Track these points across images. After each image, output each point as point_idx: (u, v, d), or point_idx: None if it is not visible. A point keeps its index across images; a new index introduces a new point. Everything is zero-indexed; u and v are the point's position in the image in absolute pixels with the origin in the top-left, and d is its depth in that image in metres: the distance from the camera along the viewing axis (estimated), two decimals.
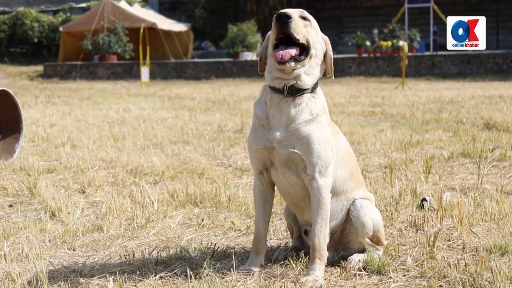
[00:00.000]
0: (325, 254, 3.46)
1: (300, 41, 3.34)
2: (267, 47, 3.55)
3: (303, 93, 3.44)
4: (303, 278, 3.34)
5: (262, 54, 3.61)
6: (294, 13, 3.37)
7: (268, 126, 3.46)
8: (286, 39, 3.35)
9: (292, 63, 3.34)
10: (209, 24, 42.46)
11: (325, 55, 3.54)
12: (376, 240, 3.68)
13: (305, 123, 3.41)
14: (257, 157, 3.56)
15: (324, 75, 3.64)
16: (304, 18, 3.43)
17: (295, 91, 3.43)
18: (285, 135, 3.41)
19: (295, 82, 3.42)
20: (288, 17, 3.28)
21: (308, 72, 3.45)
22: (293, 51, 3.33)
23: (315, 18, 3.56)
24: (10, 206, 5.41)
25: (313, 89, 3.50)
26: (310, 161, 3.40)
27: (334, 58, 3.62)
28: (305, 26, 3.40)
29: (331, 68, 3.55)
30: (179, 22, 40.40)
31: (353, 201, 3.65)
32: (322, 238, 3.44)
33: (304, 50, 3.40)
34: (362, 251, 3.70)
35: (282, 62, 3.31)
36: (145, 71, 26.22)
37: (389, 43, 30.84)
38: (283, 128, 3.42)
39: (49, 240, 4.35)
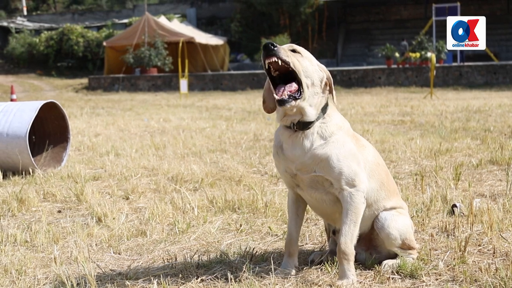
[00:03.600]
0: (351, 252, 3.37)
1: (291, 66, 3.25)
2: (269, 88, 3.50)
3: (310, 127, 3.38)
4: (339, 282, 3.31)
5: (265, 96, 3.56)
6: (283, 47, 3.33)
7: (284, 157, 3.45)
8: (284, 76, 3.30)
9: (293, 102, 3.28)
10: (244, 38, 42.62)
11: (326, 83, 3.45)
12: (407, 247, 3.62)
13: (321, 147, 3.35)
14: (283, 177, 3.58)
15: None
16: (294, 51, 3.36)
17: (302, 126, 3.38)
18: (302, 163, 3.38)
19: (301, 117, 3.35)
20: (273, 45, 3.23)
21: (311, 103, 3.36)
22: (293, 87, 3.29)
23: (345, 31, 3.53)
24: (59, 211, 5.47)
25: (319, 117, 3.41)
26: (333, 178, 3.35)
27: (364, 70, 3.56)
28: (295, 56, 3.33)
29: (333, 93, 3.46)
30: (216, 36, 40.65)
31: (377, 214, 3.58)
32: (348, 238, 3.36)
33: (300, 85, 3.31)
34: (394, 254, 3.66)
35: (281, 102, 3.25)
36: (183, 83, 26.39)
37: (418, 54, 30.65)
38: (298, 158, 3.38)
39: (96, 244, 4.38)
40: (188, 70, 28.78)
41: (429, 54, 28.55)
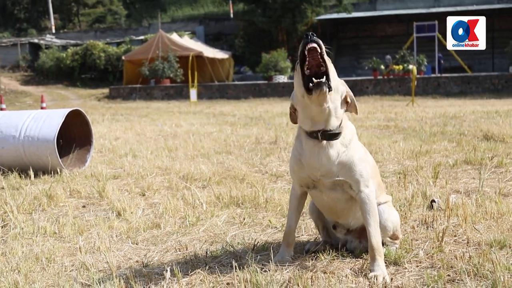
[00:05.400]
0: (382, 251, 3.36)
1: (327, 64, 3.10)
2: (294, 98, 3.31)
3: (337, 138, 3.27)
4: (371, 274, 3.24)
5: (292, 109, 3.39)
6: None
7: (308, 164, 3.32)
8: (314, 74, 3.12)
9: (326, 88, 3.08)
10: (247, 52, 42.69)
11: (346, 97, 3.33)
12: (394, 237, 3.64)
13: (344, 154, 3.28)
14: (300, 179, 3.44)
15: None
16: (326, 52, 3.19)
17: (328, 137, 3.25)
18: (326, 169, 3.28)
19: (325, 125, 3.22)
20: (314, 34, 3.08)
21: (336, 106, 3.22)
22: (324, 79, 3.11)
23: (337, 46, 3.49)
24: (83, 206, 5.48)
25: (340, 127, 3.28)
26: (354, 181, 3.30)
27: (353, 80, 3.52)
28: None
29: (355, 106, 3.38)
30: (222, 51, 40.68)
31: (378, 206, 3.52)
32: (378, 237, 3.33)
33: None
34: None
35: (319, 84, 3.05)
36: (193, 92, 26.43)
37: (401, 67, 30.70)
38: (323, 165, 3.28)
39: (116, 236, 4.38)
40: (197, 81, 28.80)
41: (410, 67, 28.52)
